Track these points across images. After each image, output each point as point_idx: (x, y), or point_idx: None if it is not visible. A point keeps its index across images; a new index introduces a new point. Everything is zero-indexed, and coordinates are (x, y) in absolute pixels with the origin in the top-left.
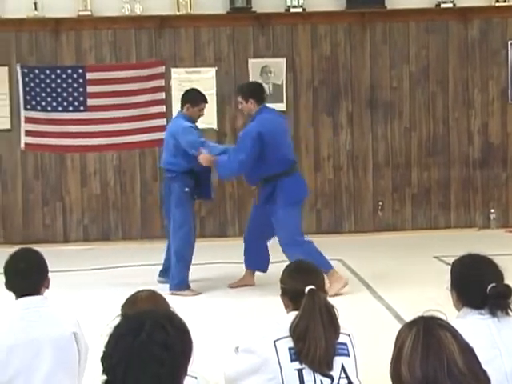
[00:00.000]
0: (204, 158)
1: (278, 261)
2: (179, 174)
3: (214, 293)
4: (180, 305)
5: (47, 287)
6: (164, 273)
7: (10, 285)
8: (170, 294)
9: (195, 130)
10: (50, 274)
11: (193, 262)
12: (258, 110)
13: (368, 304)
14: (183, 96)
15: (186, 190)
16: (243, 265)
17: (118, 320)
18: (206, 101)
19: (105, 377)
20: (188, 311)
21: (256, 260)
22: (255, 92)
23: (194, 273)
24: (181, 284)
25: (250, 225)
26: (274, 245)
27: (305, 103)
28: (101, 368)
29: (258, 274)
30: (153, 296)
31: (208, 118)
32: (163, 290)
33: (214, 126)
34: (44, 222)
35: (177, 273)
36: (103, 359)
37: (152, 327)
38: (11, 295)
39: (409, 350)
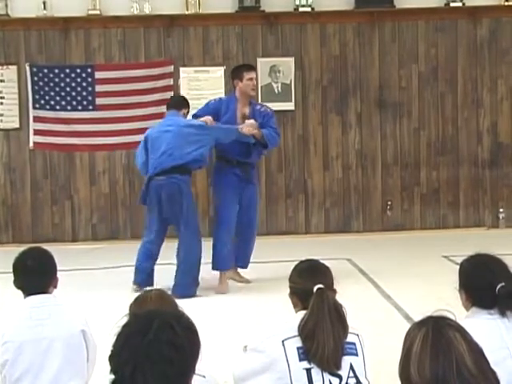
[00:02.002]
0: (249, 125)
1: (285, 260)
2: (189, 176)
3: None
4: (188, 304)
5: (55, 287)
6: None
7: (18, 283)
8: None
9: None
10: (58, 273)
11: (203, 261)
12: None
13: (377, 303)
14: (182, 99)
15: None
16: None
17: (126, 319)
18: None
19: (113, 376)
20: (196, 311)
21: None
22: None
23: (203, 272)
24: (193, 293)
25: (234, 214)
26: (277, 244)
27: (313, 102)
28: (109, 367)
29: (267, 273)
30: (161, 296)
31: None
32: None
33: None
34: (53, 221)
35: (194, 284)
36: (111, 358)
37: (160, 327)
38: (19, 293)
39: (418, 351)
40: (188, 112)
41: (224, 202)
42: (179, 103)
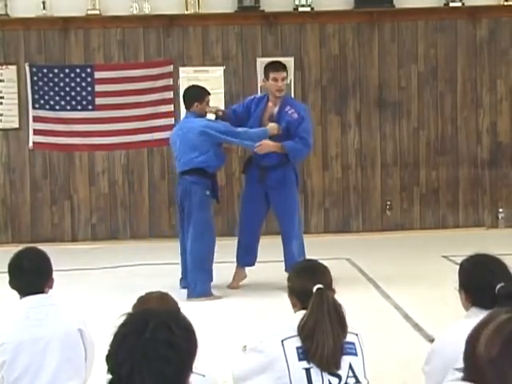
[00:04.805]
0: (267, 144)
1: (283, 260)
2: (201, 177)
3: (223, 292)
4: (188, 304)
5: (51, 287)
6: (186, 280)
7: (14, 284)
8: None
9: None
10: (57, 273)
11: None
12: None
13: (376, 303)
14: (188, 96)
15: (207, 193)
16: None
17: (122, 319)
18: (209, 93)
19: (110, 376)
20: (196, 310)
21: (256, 255)
22: None
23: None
24: (206, 292)
25: (252, 215)
26: (275, 244)
27: (313, 102)
28: (106, 367)
29: (266, 272)
30: (164, 297)
31: None
32: (172, 290)
33: None
34: (52, 221)
35: (201, 280)
36: (108, 358)
37: (157, 326)
38: (15, 294)
39: (496, 327)
40: (203, 100)
41: (241, 202)
42: (187, 102)
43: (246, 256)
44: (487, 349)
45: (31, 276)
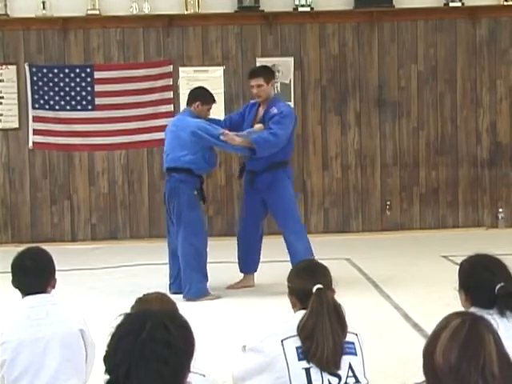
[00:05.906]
0: (232, 137)
1: (285, 260)
2: (189, 176)
3: (222, 292)
4: (187, 305)
5: (54, 287)
6: (175, 284)
7: (16, 282)
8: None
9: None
10: (57, 273)
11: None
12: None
13: (376, 303)
14: (194, 93)
15: (195, 193)
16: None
17: (119, 319)
18: (215, 101)
19: (108, 376)
20: (195, 311)
21: (256, 260)
22: (274, 74)
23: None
24: (202, 291)
25: (249, 221)
26: (276, 244)
27: (313, 102)
28: (104, 367)
29: (265, 272)
30: (162, 298)
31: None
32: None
33: None
34: (52, 220)
35: (196, 280)
36: (106, 359)
37: (154, 326)
38: (19, 293)
39: (448, 335)
40: (206, 104)
41: (241, 208)
42: (189, 99)
43: (248, 262)
44: (445, 357)
45: (33, 276)
